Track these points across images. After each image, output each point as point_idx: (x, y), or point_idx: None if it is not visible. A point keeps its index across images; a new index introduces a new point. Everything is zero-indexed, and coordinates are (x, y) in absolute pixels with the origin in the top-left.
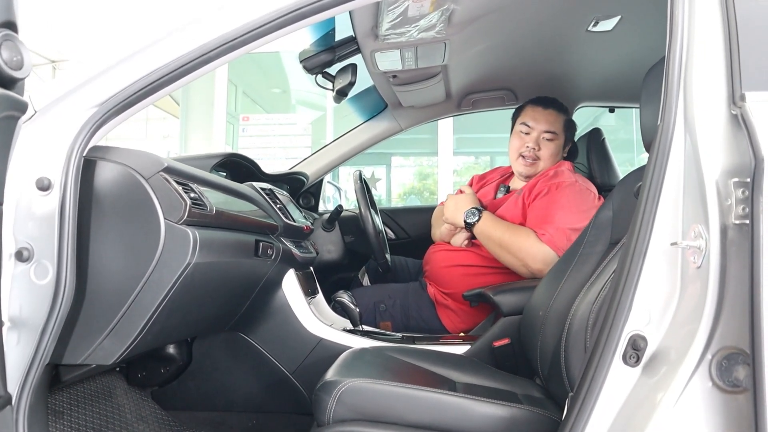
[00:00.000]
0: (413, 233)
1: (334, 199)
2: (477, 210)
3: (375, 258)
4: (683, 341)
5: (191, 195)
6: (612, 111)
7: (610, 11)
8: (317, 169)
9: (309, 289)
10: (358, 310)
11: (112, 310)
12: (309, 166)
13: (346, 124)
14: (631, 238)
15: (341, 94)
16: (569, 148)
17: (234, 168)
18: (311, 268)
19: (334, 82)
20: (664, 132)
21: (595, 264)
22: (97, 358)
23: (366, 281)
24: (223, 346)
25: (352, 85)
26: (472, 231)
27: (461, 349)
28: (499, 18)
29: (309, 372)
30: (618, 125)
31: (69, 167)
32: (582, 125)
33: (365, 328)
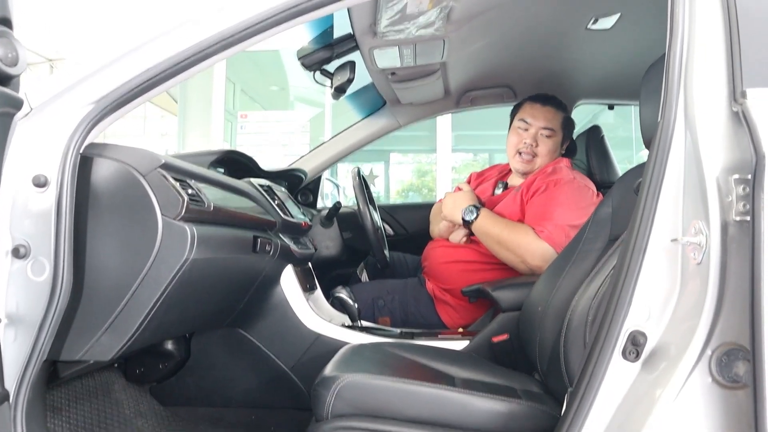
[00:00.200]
0: (411, 229)
1: (332, 196)
2: (475, 207)
3: (373, 254)
4: (683, 337)
5: (189, 191)
6: (611, 108)
7: (609, 9)
8: (315, 166)
9: (307, 285)
10: (356, 305)
11: (109, 306)
12: (307, 162)
13: (344, 121)
14: (631, 234)
15: (339, 91)
16: (567, 145)
17: (232, 165)
18: (310, 264)
19: (332, 79)
20: (664, 129)
21: (595, 260)
22: (95, 354)
23: (364, 277)
24: (222, 342)
25: (350, 82)
26: (470, 228)
27: (460, 345)
28: (498, 15)
29: (307, 368)
30: (617, 123)
31: (66, 164)
32: (581, 123)
33: (364, 323)
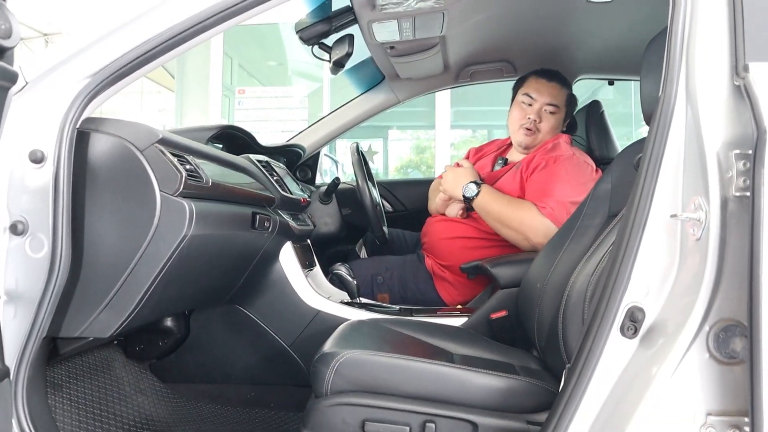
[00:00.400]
0: (410, 206)
1: (331, 172)
2: (476, 184)
3: (372, 230)
4: (681, 313)
5: (187, 167)
6: (611, 84)
7: None
8: (314, 142)
9: (306, 262)
10: (355, 282)
11: (108, 283)
12: (306, 138)
13: (343, 96)
14: (631, 209)
15: (338, 65)
16: (568, 122)
17: (230, 140)
18: (308, 240)
19: (330, 53)
20: (665, 103)
21: (594, 236)
22: (95, 331)
23: (363, 254)
24: (221, 318)
25: (349, 56)
26: (470, 205)
27: (459, 321)
28: None
29: (307, 344)
30: (616, 99)
31: (62, 139)
32: (580, 98)
33: (363, 300)
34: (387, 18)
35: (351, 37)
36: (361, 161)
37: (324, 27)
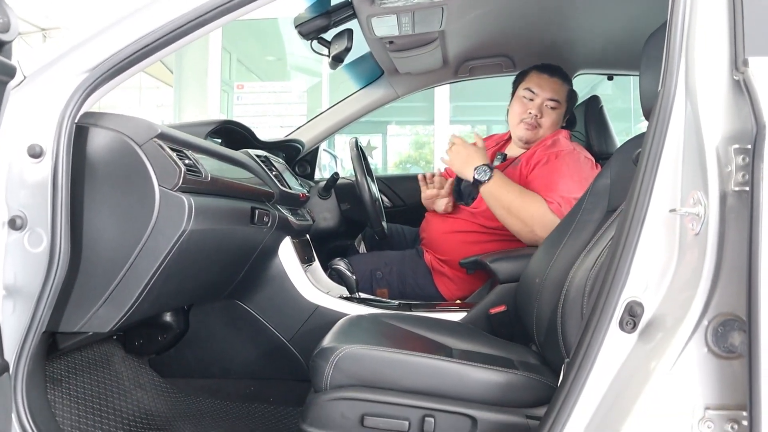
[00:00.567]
0: (409, 201)
1: (330, 167)
2: (489, 168)
3: (371, 225)
4: (680, 308)
5: (186, 161)
6: (611, 79)
7: None
8: (313, 137)
9: (305, 257)
10: (354, 277)
11: (107, 277)
12: (305, 133)
13: (342, 91)
14: (630, 204)
15: (337, 60)
16: (567, 118)
17: (229, 135)
18: (308, 235)
19: (329, 47)
20: (664, 98)
21: (593, 231)
22: (94, 325)
23: (362, 249)
24: (220, 313)
25: (348, 51)
26: (478, 189)
27: (458, 316)
28: None
29: (306, 339)
30: (615, 94)
31: (61, 134)
32: (580, 94)
33: (362, 295)
34: (386, 13)
35: (350, 32)
36: (360, 156)
37: (323, 22)
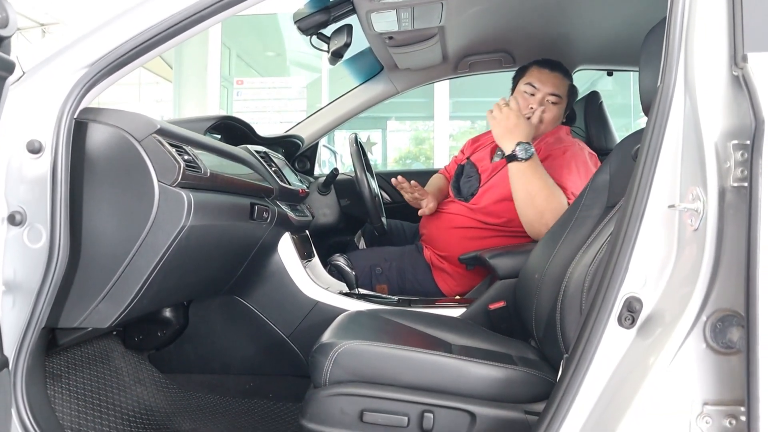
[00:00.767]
0: None
1: (329, 163)
2: (530, 147)
3: (371, 221)
4: (679, 303)
5: (185, 157)
6: (610, 74)
7: None
8: (312, 133)
9: (305, 253)
10: (354, 273)
11: (107, 273)
12: (304, 129)
13: (341, 87)
14: (629, 200)
15: (336, 55)
16: (567, 114)
17: (228, 131)
18: (307, 231)
19: (329, 43)
20: (663, 94)
21: (592, 227)
22: (93, 321)
23: (362, 244)
24: (220, 309)
25: (347, 47)
26: (511, 162)
27: (457, 312)
28: None
29: (305, 335)
30: (615, 90)
31: (60, 130)
32: (579, 89)
33: (361, 291)
34: (385, 8)
35: (349, 28)
36: (360, 152)
37: (322, 17)
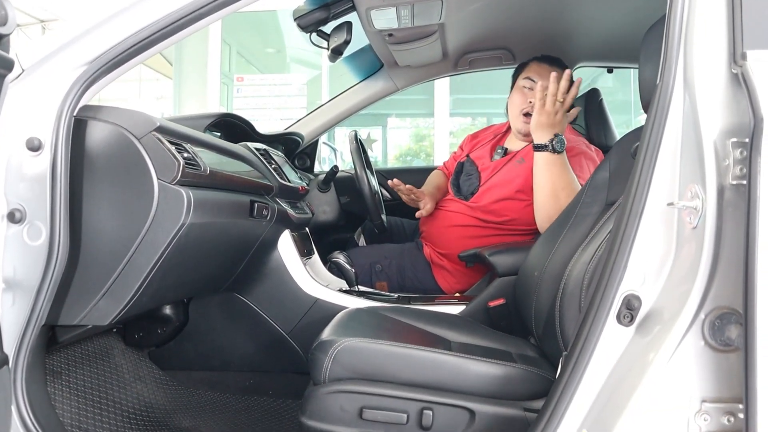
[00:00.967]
0: None
1: (329, 160)
2: (565, 142)
3: (371, 218)
4: (677, 301)
5: (185, 155)
6: (610, 71)
7: None
8: (312, 130)
9: (305, 250)
10: (354, 270)
11: (106, 270)
12: (304, 126)
13: (341, 84)
14: (628, 198)
15: (336, 52)
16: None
17: (228, 128)
18: (307, 228)
19: (329, 40)
20: (663, 91)
21: (591, 225)
22: (93, 318)
23: (362, 242)
24: (220, 306)
25: (347, 44)
26: (543, 151)
27: (456, 309)
28: None
29: (305, 332)
30: (615, 87)
31: (59, 127)
32: (579, 86)
33: (361, 288)
34: (385, 5)
35: (349, 25)
36: (360, 149)
37: (322, 14)
